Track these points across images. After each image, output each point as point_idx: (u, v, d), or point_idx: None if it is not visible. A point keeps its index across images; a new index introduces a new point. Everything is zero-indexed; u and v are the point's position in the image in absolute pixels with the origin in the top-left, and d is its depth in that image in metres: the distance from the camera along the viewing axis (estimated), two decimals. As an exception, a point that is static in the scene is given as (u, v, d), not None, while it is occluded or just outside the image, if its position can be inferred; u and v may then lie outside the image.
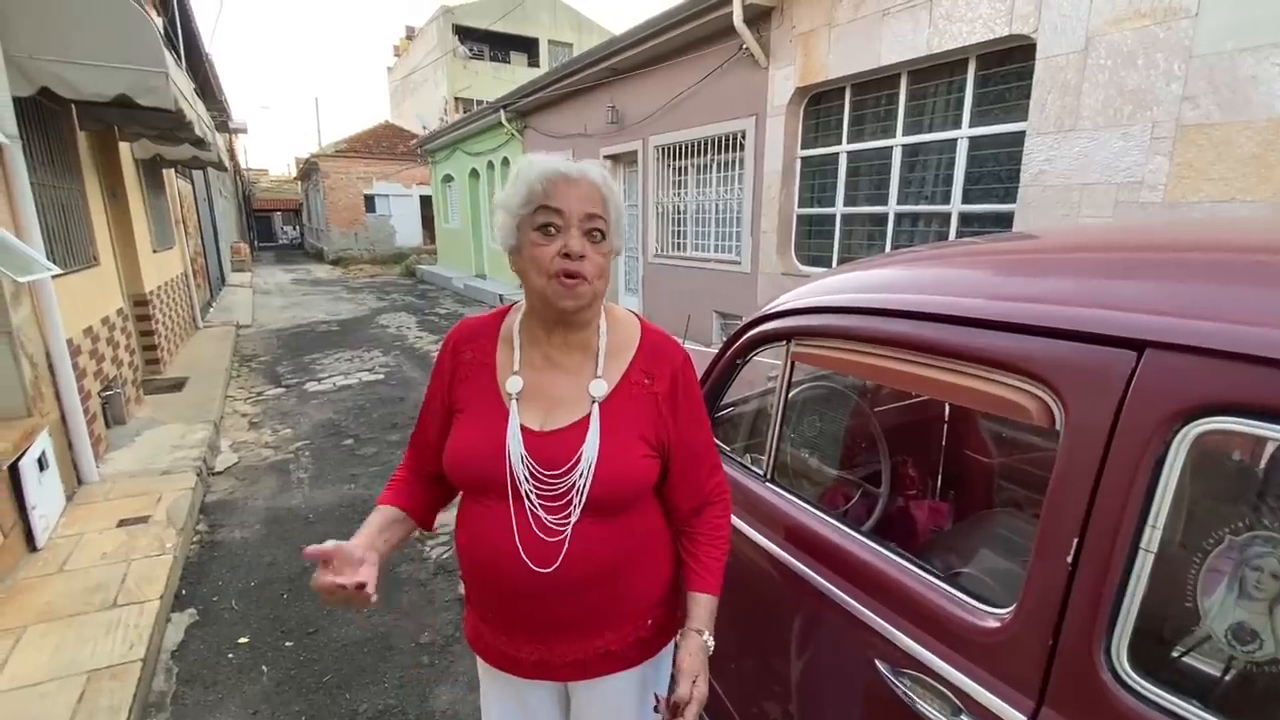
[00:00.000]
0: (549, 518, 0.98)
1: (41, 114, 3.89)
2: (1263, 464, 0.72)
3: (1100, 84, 3.61)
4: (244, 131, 13.27)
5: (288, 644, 2.52)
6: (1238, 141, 3.10)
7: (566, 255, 0.93)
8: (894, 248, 5.22)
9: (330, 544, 0.92)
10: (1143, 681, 0.71)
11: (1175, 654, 0.76)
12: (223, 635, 2.58)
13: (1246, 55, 3.01)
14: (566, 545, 0.97)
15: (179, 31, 6.81)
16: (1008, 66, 4.24)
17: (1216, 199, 3.20)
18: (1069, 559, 0.78)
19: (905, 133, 5.00)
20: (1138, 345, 0.74)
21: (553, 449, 0.98)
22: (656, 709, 1.00)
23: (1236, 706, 0.72)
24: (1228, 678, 0.72)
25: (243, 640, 2.55)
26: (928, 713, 0.91)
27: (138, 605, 2.54)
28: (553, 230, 0.94)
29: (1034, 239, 1.34)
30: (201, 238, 12.07)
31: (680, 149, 7.56)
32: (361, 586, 0.89)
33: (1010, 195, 4.26)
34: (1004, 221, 4.36)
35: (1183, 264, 0.84)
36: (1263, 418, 0.64)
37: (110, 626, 2.40)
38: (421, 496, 1.15)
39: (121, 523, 3.20)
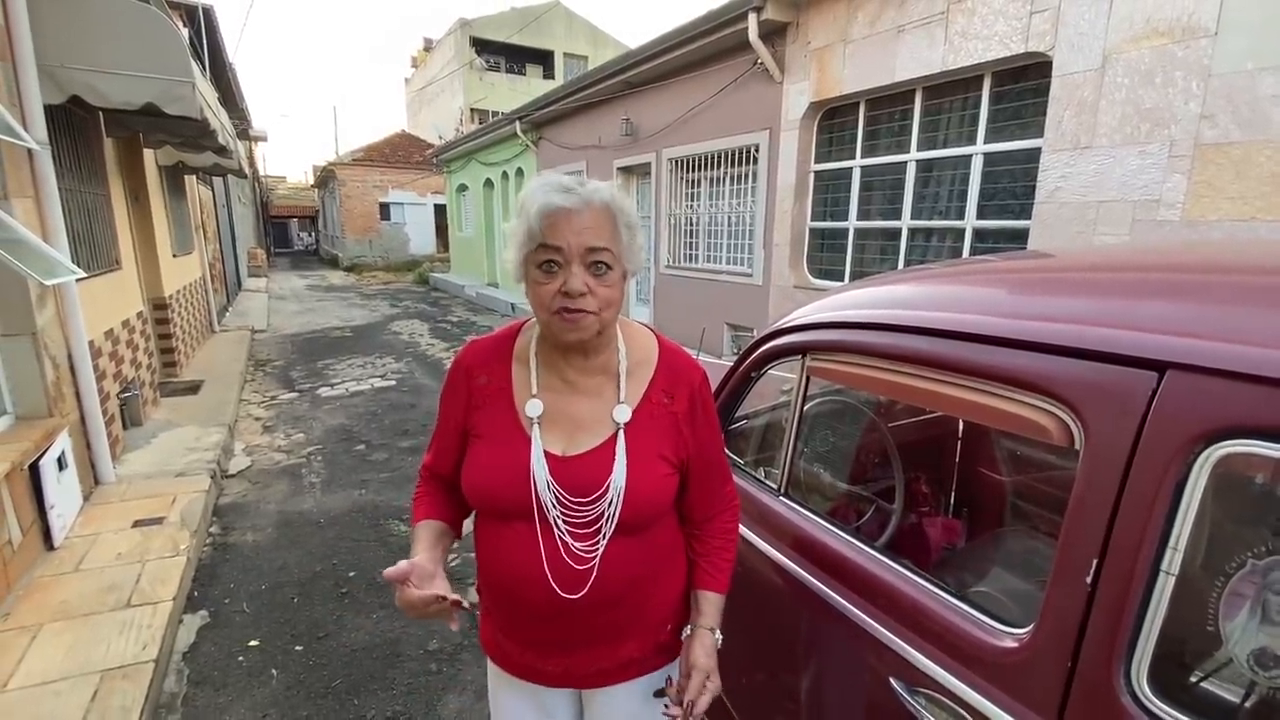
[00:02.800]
0: (577, 545, 0.97)
1: (70, 121, 3.98)
2: (1286, 488, 0.71)
3: (1117, 102, 3.60)
4: (264, 139, 13.51)
5: (297, 648, 2.54)
6: (1257, 161, 3.08)
7: (566, 294, 0.91)
8: (907, 263, 5.21)
9: (405, 563, 0.93)
10: (1163, 705, 0.70)
11: (1196, 678, 0.75)
12: (233, 638, 2.60)
13: (1267, 75, 3.00)
14: (596, 571, 0.97)
15: (204, 42, 6.96)
16: (1023, 83, 4.25)
17: (1235, 218, 3.18)
18: (1088, 580, 0.77)
19: (920, 148, 5.01)
20: (1159, 366, 0.74)
21: (578, 474, 0.98)
22: (663, 695, 1.04)
23: (1259, 733, 0.72)
24: (1250, 704, 0.71)
25: (253, 643, 2.56)
26: (943, 732, 0.90)
27: (151, 606, 2.56)
28: (554, 267, 0.92)
29: (1052, 257, 1.34)
30: (220, 243, 12.25)
31: (694, 161, 7.60)
32: (456, 602, 0.92)
33: (1025, 212, 4.25)
34: (1019, 238, 4.35)
35: (1205, 285, 0.84)
36: (1286, 441, 0.64)
37: (124, 626, 2.43)
38: (453, 507, 1.14)
39: (136, 523, 3.24)
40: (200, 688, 2.32)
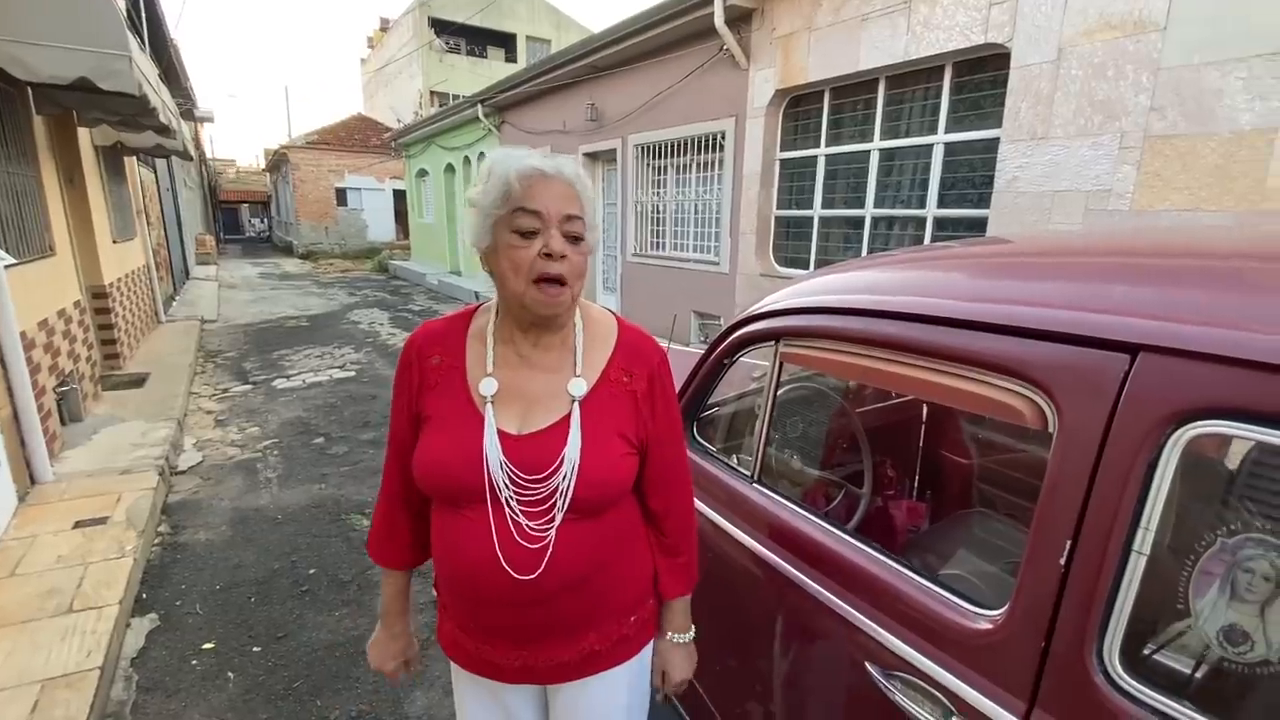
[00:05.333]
0: (530, 524, 0.95)
1: (-6, 96, 3.71)
2: (1254, 466, 0.73)
3: (1072, 94, 3.69)
4: (210, 120, 12.87)
5: (255, 649, 2.44)
6: (1202, 152, 3.20)
7: (548, 256, 0.90)
8: (870, 250, 5.28)
9: (402, 666, 1.20)
10: (1134, 683, 0.71)
11: (1167, 656, 0.77)
12: (186, 641, 2.49)
13: (1212, 69, 3.11)
14: (550, 551, 0.95)
15: (142, 14, 6.57)
16: (983, 74, 4.32)
17: (1182, 208, 3.31)
18: (1062, 561, 0.78)
19: (882, 137, 5.07)
20: (1131, 349, 0.74)
21: (533, 452, 0.95)
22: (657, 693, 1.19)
23: (1227, 708, 0.73)
24: (1219, 679, 0.73)
25: (207, 646, 2.46)
26: (919, 716, 0.91)
27: (95, 610, 2.44)
28: (531, 232, 0.91)
29: (1012, 243, 1.35)
30: (164, 229, 11.69)
31: (660, 148, 7.55)
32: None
33: (984, 201, 4.34)
34: (978, 226, 4.44)
35: (1175, 269, 0.85)
36: (1254, 421, 0.65)
37: (66, 633, 2.30)
38: (418, 537, 1.12)
39: (78, 524, 3.07)
40: (151, 694, 2.21)
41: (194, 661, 2.38)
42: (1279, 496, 0.68)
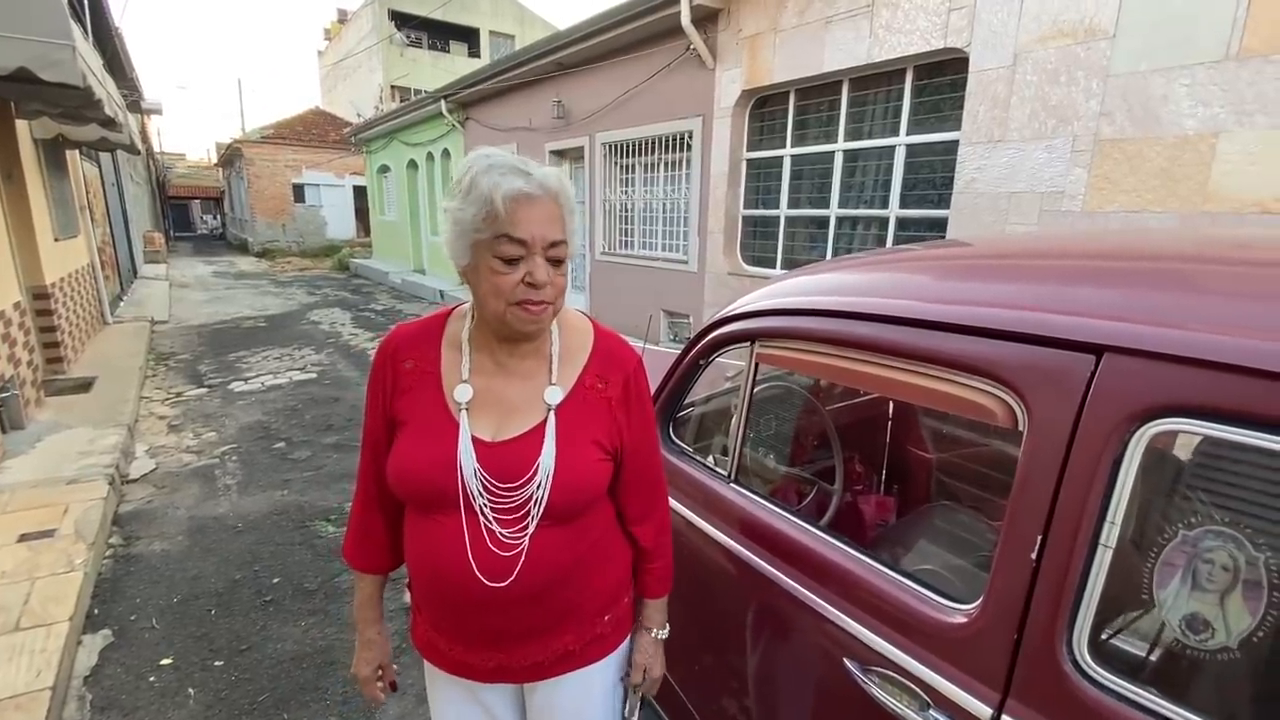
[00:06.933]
0: (504, 531, 0.94)
1: (-78, 85, 3.49)
2: (1213, 461, 0.76)
3: (1027, 98, 3.81)
4: (158, 112, 12.36)
5: (217, 663, 2.36)
6: (1149, 156, 3.34)
7: (530, 284, 0.89)
8: (835, 250, 5.38)
9: (379, 673, 1.16)
10: (1103, 671, 0.74)
11: (1133, 644, 0.80)
12: (142, 657, 2.39)
13: (1158, 76, 3.25)
14: (523, 559, 0.95)
15: (84, 1, 6.26)
16: (942, 78, 4.43)
17: (1129, 209, 3.45)
18: (1033, 555, 0.81)
19: (846, 138, 5.15)
20: (1097, 349, 0.77)
21: (507, 460, 0.95)
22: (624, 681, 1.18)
23: (1190, 693, 0.77)
24: (1182, 666, 0.77)
25: (165, 661, 2.37)
26: (897, 709, 0.93)
27: (44, 628, 2.32)
28: (515, 258, 0.89)
29: (982, 246, 1.39)
30: (110, 226, 11.18)
31: (628, 147, 7.54)
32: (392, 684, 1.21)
33: (944, 201, 4.46)
34: (938, 226, 4.56)
35: (1137, 272, 0.88)
36: (1213, 418, 0.68)
37: (13, 652, 2.19)
38: (394, 540, 1.10)
39: (22, 537, 2.92)
40: (106, 713, 2.12)
41: (151, 678, 2.28)
42: (1237, 490, 0.72)
